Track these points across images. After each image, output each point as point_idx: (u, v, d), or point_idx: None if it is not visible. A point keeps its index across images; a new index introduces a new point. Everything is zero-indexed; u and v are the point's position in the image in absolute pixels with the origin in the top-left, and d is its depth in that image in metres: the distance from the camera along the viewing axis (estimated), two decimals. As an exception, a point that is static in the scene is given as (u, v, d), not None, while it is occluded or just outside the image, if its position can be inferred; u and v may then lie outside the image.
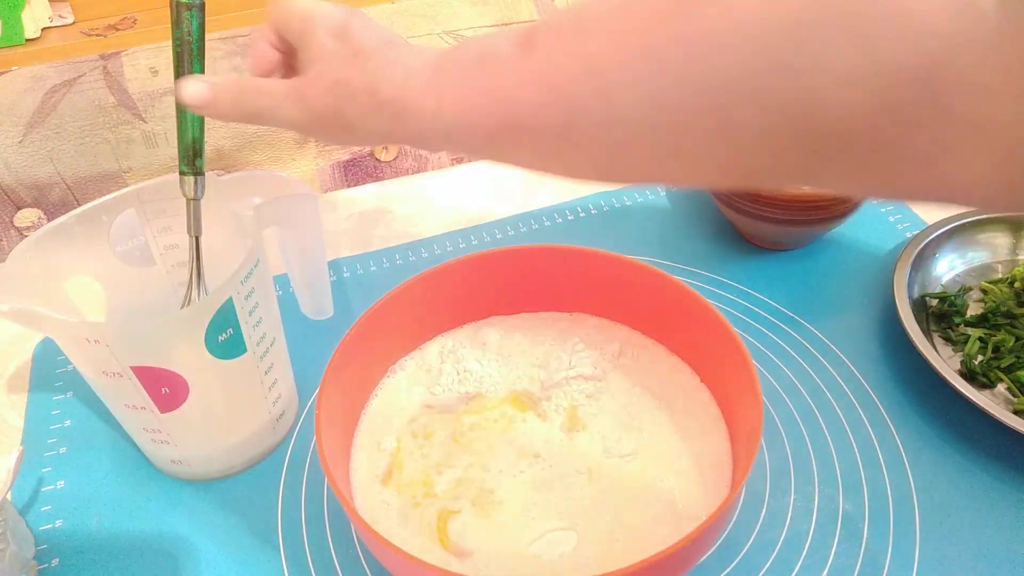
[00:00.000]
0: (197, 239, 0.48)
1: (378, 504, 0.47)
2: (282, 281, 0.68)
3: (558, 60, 0.33)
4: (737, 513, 0.50)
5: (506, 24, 0.91)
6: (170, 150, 0.88)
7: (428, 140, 0.36)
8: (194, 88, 0.40)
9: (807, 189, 0.61)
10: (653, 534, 0.44)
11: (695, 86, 0.29)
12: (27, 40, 0.91)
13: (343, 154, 0.90)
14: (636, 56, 0.31)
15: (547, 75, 0.33)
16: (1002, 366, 0.57)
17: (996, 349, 0.58)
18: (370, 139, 0.38)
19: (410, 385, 0.53)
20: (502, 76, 0.34)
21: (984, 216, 0.65)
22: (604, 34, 0.32)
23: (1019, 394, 0.55)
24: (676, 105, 0.30)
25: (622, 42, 0.31)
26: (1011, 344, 0.58)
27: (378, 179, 0.91)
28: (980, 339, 0.59)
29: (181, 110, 0.43)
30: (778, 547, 0.48)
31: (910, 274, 0.61)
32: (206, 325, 0.45)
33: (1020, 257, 0.66)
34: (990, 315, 0.60)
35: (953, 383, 0.52)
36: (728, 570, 0.47)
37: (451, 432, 0.50)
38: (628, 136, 0.32)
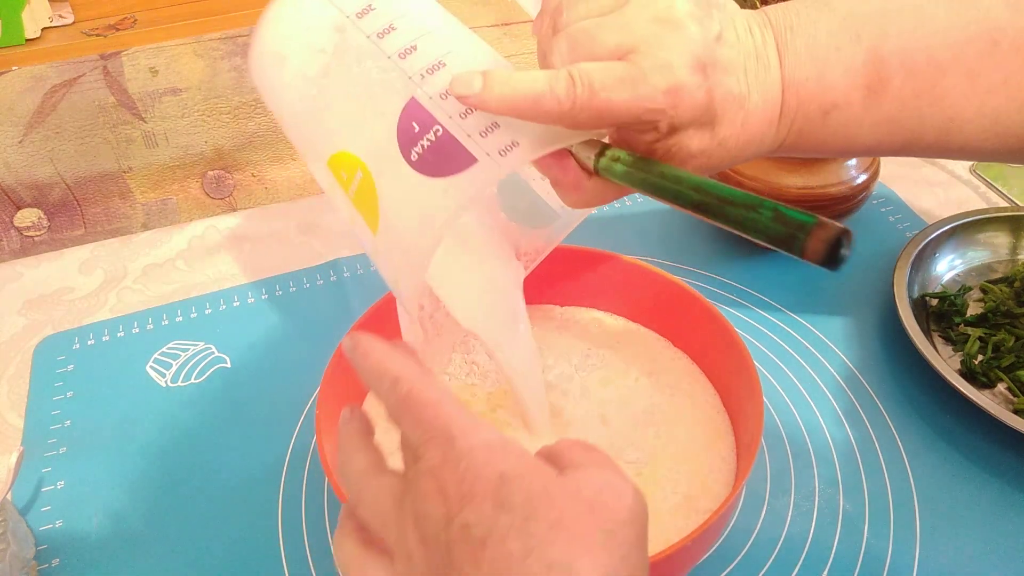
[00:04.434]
0: None
1: (378, 504, 0.47)
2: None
3: (907, 100, 0.34)
4: (737, 513, 0.50)
5: (506, 24, 0.91)
6: (170, 150, 0.88)
7: None
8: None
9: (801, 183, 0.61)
10: (652, 534, 0.44)
11: None
12: (27, 40, 0.91)
13: (343, 154, 0.90)
14: (990, 90, 0.33)
15: (893, 119, 0.35)
16: (1002, 366, 0.57)
17: (996, 349, 0.58)
18: None
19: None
20: (848, 126, 0.35)
21: (984, 216, 0.65)
22: (962, 74, 0.34)
23: (1019, 394, 0.55)
24: (1019, 133, 0.33)
25: (980, 79, 0.33)
26: (1011, 344, 0.58)
27: (378, 179, 0.90)
28: (980, 339, 0.59)
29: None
30: (778, 547, 0.48)
31: (910, 274, 0.61)
32: None
33: (1020, 257, 0.66)
34: (990, 315, 0.60)
35: (953, 383, 0.52)
36: (728, 570, 0.47)
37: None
38: (958, 152, 0.35)
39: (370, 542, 0.31)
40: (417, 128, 0.34)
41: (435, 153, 0.34)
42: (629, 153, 0.34)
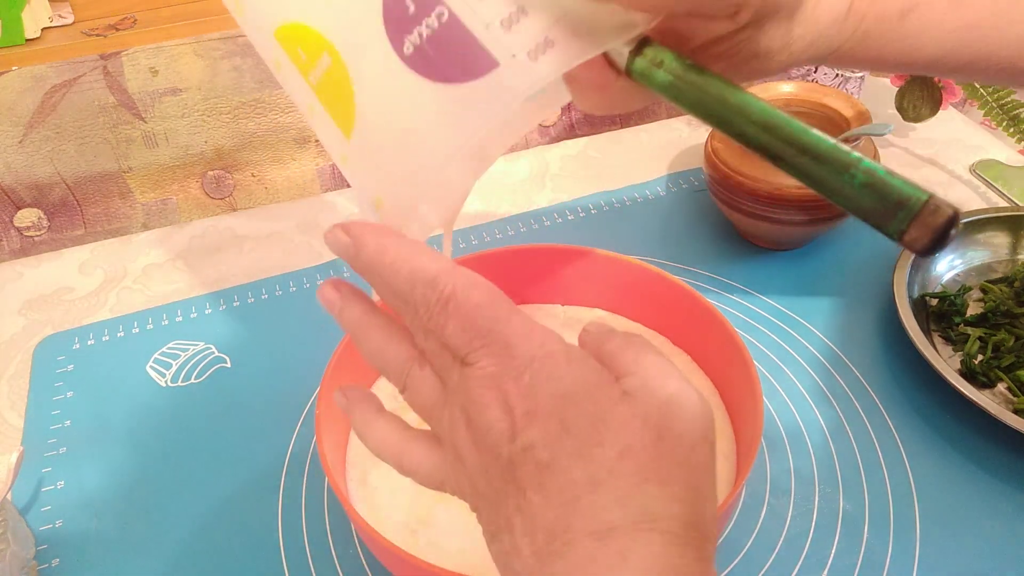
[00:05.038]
0: None
1: (378, 504, 0.47)
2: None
3: (999, 3, 0.32)
4: (737, 513, 0.50)
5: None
6: (170, 150, 0.88)
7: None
8: None
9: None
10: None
11: None
12: (27, 40, 0.91)
13: (343, 154, 0.89)
14: None
15: (975, 27, 0.32)
16: (1002, 366, 0.57)
17: (996, 349, 0.58)
18: None
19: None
20: (923, 31, 0.32)
21: (984, 216, 0.65)
22: None
23: (1019, 394, 0.55)
24: None
25: None
26: (1011, 344, 0.58)
27: (378, 179, 0.90)
28: (980, 339, 0.59)
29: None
30: (778, 547, 0.48)
31: (910, 274, 0.61)
32: None
33: (1020, 257, 0.66)
34: (990, 315, 0.60)
35: (953, 383, 0.52)
36: (728, 570, 0.47)
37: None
38: (1022, 76, 0.33)
39: (405, 424, 0.30)
40: (412, 8, 0.26)
41: (439, 47, 0.25)
42: (676, 56, 0.26)
